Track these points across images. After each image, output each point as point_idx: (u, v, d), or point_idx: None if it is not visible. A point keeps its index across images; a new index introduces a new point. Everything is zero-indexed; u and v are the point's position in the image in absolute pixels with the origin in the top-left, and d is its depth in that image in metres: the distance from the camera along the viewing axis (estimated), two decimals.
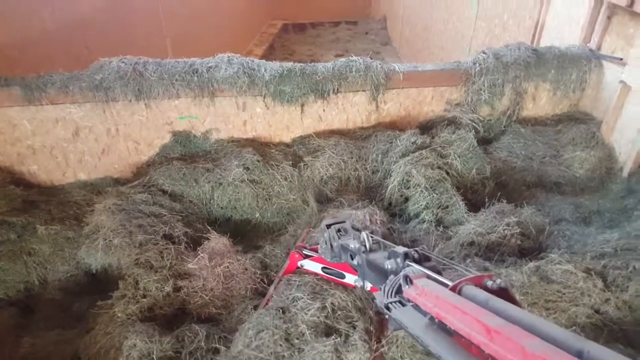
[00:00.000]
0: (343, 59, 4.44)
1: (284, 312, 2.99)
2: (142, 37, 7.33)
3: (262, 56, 11.23)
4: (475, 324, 1.34)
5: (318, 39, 14.37)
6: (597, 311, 3.10)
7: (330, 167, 4.28)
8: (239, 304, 3.51)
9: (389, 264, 2.08)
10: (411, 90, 4.63)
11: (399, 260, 2.04)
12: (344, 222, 3.01)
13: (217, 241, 3.76)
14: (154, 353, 2.99)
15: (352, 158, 4.37)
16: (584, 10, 4.48)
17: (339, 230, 2.93)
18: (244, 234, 4.20)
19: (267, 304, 3.22)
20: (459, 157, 4.18)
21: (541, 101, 4.88)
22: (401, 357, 2.79)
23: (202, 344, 3.14)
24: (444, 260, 2.17)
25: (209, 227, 3.96)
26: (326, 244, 2.94)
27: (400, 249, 2.07)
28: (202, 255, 3.63)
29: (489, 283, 1.59)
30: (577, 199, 4.30)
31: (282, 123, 4.53)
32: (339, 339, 2.77)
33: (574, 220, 4.05)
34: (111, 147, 4.34)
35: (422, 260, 2.04)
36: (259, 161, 4.21)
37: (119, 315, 3.30)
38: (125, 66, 4.03)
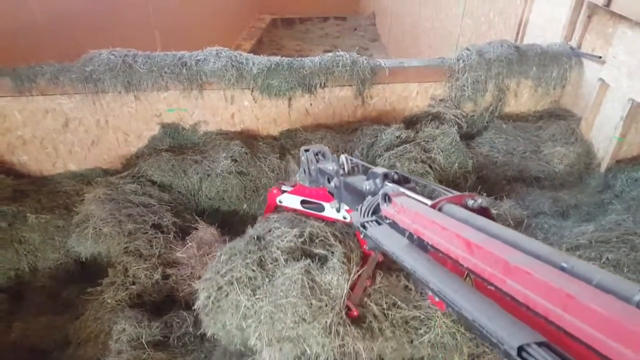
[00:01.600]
0: (330, 54, 4.53)
1: (259, 240, 2.89)
2: (130, 28, 7.34)
3: (251, 50, 11.24)
4: (455, 238, 1.33)
5: (307, 34, 14.40)
6: None
7: None
8: None
9: (367, 185, 2.05)
10: (397, 86, 4.74)
11: (377, 181, 2.01)
12: (323, 147, 2.94)
13: (205, 231, 3.84)
14: (143, 337, 3.08)
15: (338, 151, 4.46)
16: (566, 10, 4.61)
17: (317, 154, 2.86)
18: (232, 224, 4.28)
19: None
20: (442, 151, 4.29)
21: (523, 98, 5.01)
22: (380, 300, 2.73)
23: (190, 329, 3.24)
24: (423, 181, 2.17)
25: (197, 217, 4.04)
26: (304, 167, 2.87)
27: (380, 170, 2.04)
28: (190, 244, 3.70)
29: (470, 202, 1.59)
30: (556, 193, 4.44)
31: (270, 116, 4.61)
32: (311, 262, 2.68)
33: (552, 213, 4.19)
34: (101, 138, 4.40)
35: (401, 181, 2.03)
36: (246, 153, 4.29)
37: (109, 301, 3.39)
38: (115, 58, 4.08)
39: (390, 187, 1.87)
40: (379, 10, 14.26)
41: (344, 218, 2.78)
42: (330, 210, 2.86)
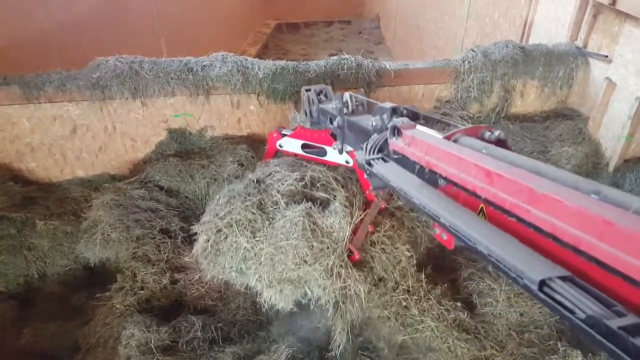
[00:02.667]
0: (335, 57, 4.53)
1: (258, 183, 2.79)
2: (136, 36, 7.40)
3: (256, 55, 11.30)
4: (473, 168, 1.26)
5: (312, 38, 14.45)
6: None
7: None
8: (235, 296, 3.60)
9: (373, 121, 1.95)
10: (402, 88, 4.73)
11: (385, 116, 1.92)
12: (326, 86, 2.78)
13: None
14: (152, 342, 3.08)
15: None
16: (571, 9, 4.59)
17: (319, 94, 2.72)
18: None
19: None
20: None
21: (529, 98, 4.99)
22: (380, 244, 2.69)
23: (199, 333, 3.25)
24: (434, 116, 2.08)
25: None
26: (305, 108, 2.75)
27: (388, 104, 1.94)
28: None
29: (487, 134, 1.52)
30: None
31: (276, 120, 4.62)
32: (313, 205, 2.60)
33: None
34: (108, 144, 4.42)
35: (410, 117, 1.95)
36: (253, 157, 4.30)
37: (117, 306, 3.40)
38: (121, 65, 4.11)
39: (400, 119, 1.79)
40: (384, 14, 14.28)
41: (347, 162, 2.70)
42: (332, 154, 2.75)
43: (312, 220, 2.52)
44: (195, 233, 3.89)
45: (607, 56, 4.23)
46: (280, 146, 3.02)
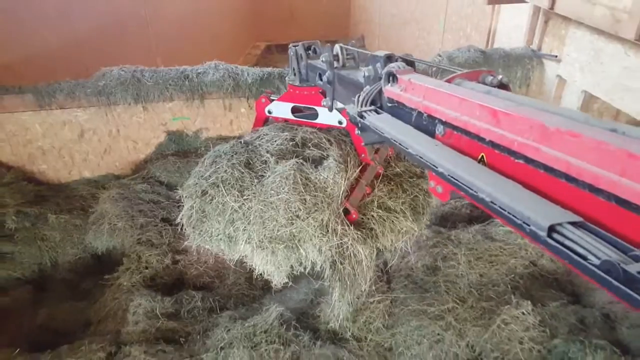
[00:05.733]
0: None
1: (246, 144, 2.61)
2: (133, 55, 7.87)
3: None
4: (477, 109, 1.18)
5: None
6: (533, 263, 3.66)
7: None
8: (231, 274, 4.02)
9: (366, 72, 1.83)
10: None
11: (379, 65, 1.78)
12: (315, 42, 2.62)
13: None
14: (157, 310, 3.49)
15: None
16: (526, 17, 5.13)
17: (308, 49, 2.57)
18: None
19: None
20: None
21: None
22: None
23: (199, 303, 3.66)
24: (430, 63, 2.03)
25: None
26: (293, 65, 2.58)
27: (382, 52, 1.80)
28: None
29: (488, 79, 1.46)
30: None
31: None
32: (305, 162, 2.41)
33: None
34: (112, 146, 4.86)
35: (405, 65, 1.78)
36: None
37: (125, 284, 3.81)
38: (125, 74, 4.58)
39: (395, 64, 1.66)
40: (368, 33, 14.97)
41: (340, 123, 2.54)
42: (324, 116, 2.59)
43: (304, 175, 2.33)
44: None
45: (557, 56, 4.75)
46: (269, 112, 2.81)
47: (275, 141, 2.54)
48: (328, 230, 2.27)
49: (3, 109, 4.44)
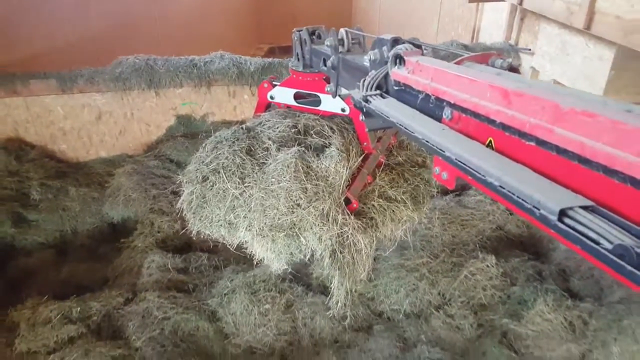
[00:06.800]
0: None
1: (248, 130, 2.58)
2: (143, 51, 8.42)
3: None
4: (489, 89, 1.16)
5: None
6: (500, 227, 4.12)
7: None
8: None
9: (372, 55, 1.80)
10: None
11: (385, 48, 1.74)
12: (319, 26, 2.55)
13: None
14: (169, 264, 3.96)
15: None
16: (505, 15, 5.63)
17: (312, 34, 2.50)
18: None
19: None
20: None
21: None
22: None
23: (205, 261, 4.13)
24: (439, 47, 2.00)
25: None
26: (297, 51, 2.54)
27: (389, 35, 1.76)
28: None
29: (498, 62, 1.45)
30: None
31: None
32: (306, 150, 2.41)
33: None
34: (127, 128, 5.34)
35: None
36: None
37: (139, 245, 4.28)
38: (139, 62, 5.07)
39: (402, 46, 1.65)
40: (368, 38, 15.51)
41: (343, 110, 2.51)
42: (327, 103, 2.56)
43: (305, 164, 2.33)
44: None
45: (530, 49, 5.23)
46: (271, 98, 2.75)
47: (277, 128, 2.53)
48: (329, 220, 2.26)
49: (29, 92, 4.92)
